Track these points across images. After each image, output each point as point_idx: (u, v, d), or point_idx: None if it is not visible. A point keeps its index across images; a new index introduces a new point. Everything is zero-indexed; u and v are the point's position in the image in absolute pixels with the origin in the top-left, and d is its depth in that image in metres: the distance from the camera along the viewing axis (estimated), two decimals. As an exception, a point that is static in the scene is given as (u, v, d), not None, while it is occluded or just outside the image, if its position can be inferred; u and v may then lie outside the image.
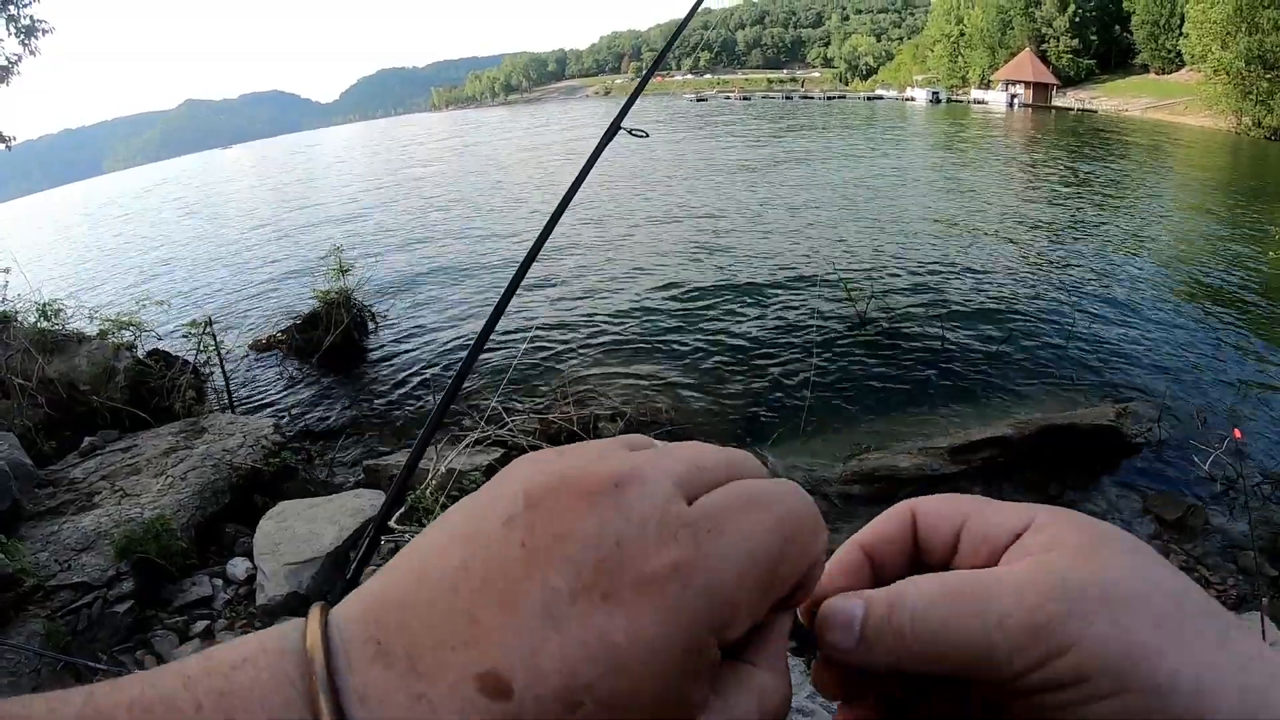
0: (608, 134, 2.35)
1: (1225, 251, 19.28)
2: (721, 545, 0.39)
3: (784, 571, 0.41)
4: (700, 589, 0.37)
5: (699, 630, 0.36)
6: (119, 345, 11.23)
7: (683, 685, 0.36)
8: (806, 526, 0.43)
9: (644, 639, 0.35)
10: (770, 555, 0.40)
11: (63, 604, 5.85)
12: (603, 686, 0.34)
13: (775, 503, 0.42)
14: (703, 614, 0.36)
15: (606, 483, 0.39)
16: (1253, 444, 9.51)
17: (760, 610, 0.40)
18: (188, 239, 33.41)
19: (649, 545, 0.37)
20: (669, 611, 0.36)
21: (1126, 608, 0.41)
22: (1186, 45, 65.74)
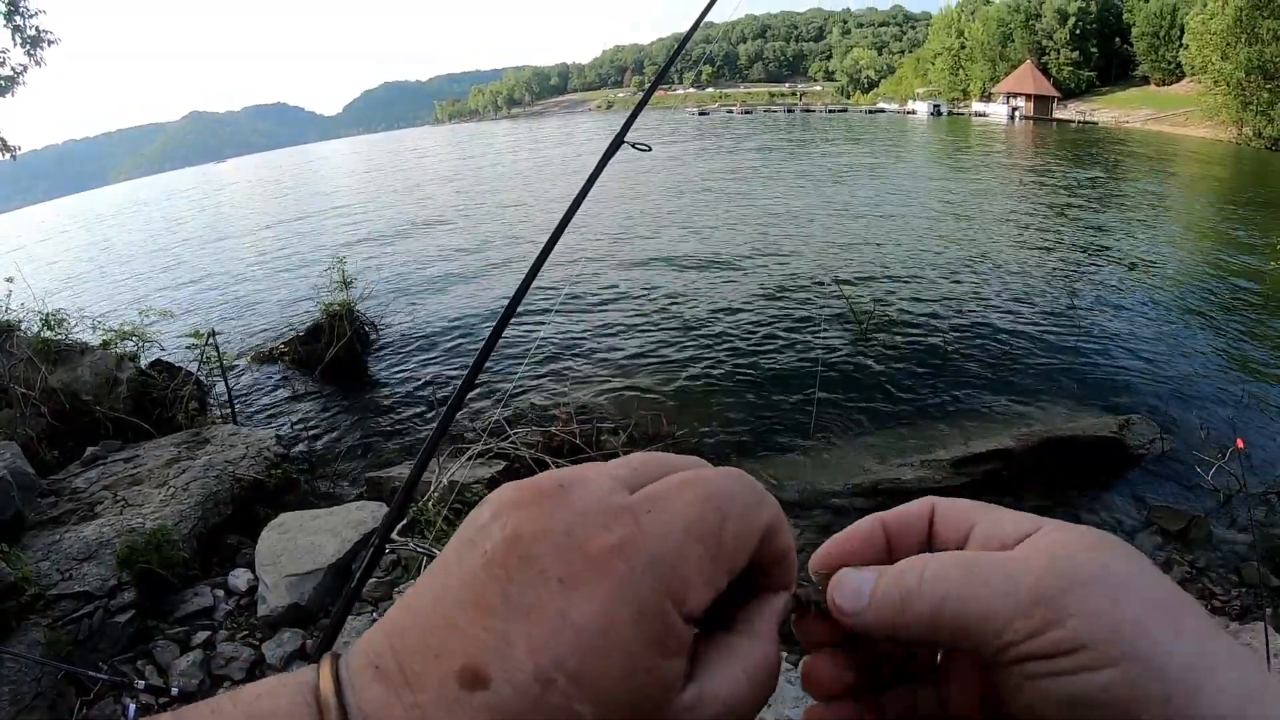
0: (611, 147, 2.36)
1: (1227, 262, 19.28)
2: (659, 521, 0.42)
3: (729, 540, 0.44)
4: (645, 560, 0.40)
5: (652, 598, 0.39)
6: (122, 356, 11.22)
7: (650, 654, 0.39)
8: (741, 498, 0.46)
9: (601, 612, 0.38)
10: (708, 524, 0.43)
11: (64, 613, 5.84)
12: (572, 662, 0.37)
13: (706, 481, 0.46)
14: (652, 582, 0.40)
15: (553, 485, 0.44)
16: (1255, 455, 9.49)
17: (717, 578, 0.43)
18: (190, 250, 33.49)
19: (594, 529, 0.41)
20: (620, 584, 0.39)
21: (1123, 588, 0.43)
22: (1187, 56, 65.81)
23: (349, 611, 1.58)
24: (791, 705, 4.57)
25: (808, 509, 8.71)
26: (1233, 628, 6.13)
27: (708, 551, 0.43)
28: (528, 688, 0.36)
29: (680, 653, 0.40)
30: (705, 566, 0.42)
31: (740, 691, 0.43)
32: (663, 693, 0.39)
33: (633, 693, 0.38)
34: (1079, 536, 0.47)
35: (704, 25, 3.07)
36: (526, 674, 0.36)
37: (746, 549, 0.45)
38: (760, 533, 0.46)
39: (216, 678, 5.72)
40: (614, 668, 0.37)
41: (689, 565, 0.41)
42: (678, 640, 0.40)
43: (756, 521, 0.46)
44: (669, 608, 0.40)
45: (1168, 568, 7.42)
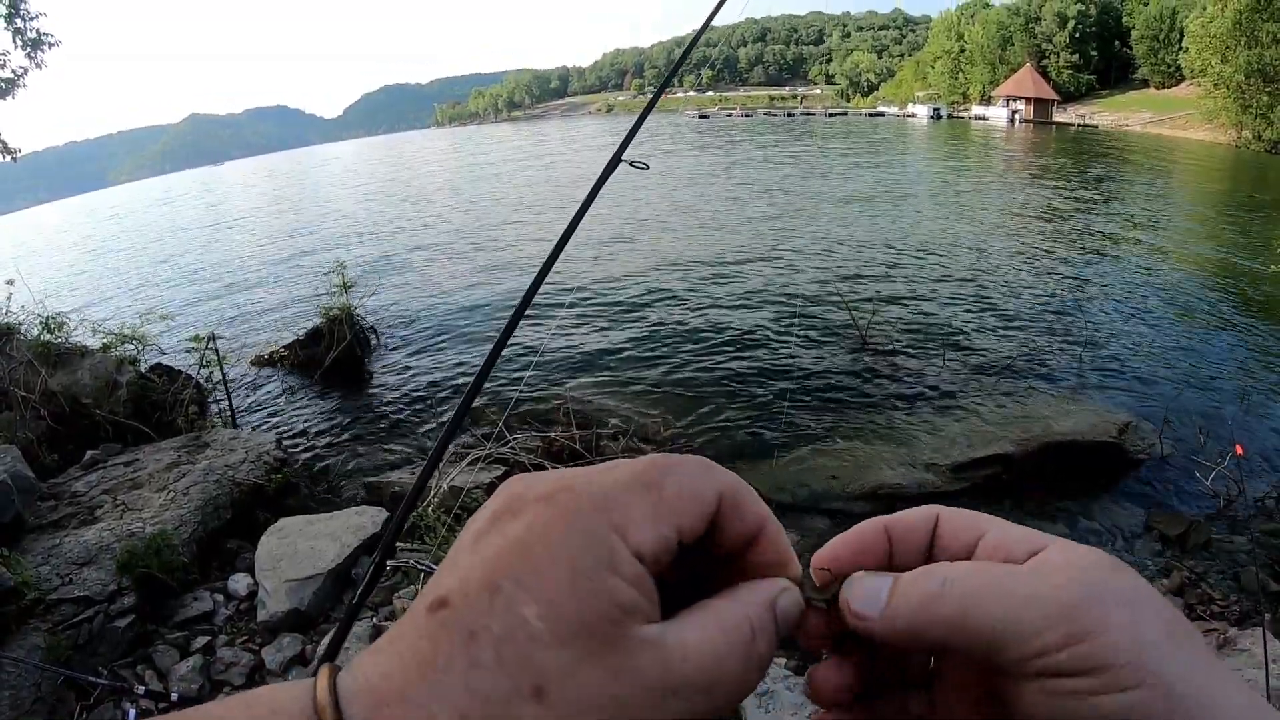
0: (609, 166, 2.36)
1: (1226, 265, 19.32)
2: (605, 472, 0.46)
3: (670, 493, 0.46)
4: (587, 494, 0.44)
5: (591, 521, 0.42)
6: (122, 359, 11.22)
7: (595, 567, 0.41)
8: (688, 465, 0.48)
9: (542, 527, 0.42)
10: (648, 477, 0.46)
11: (64, 618, 5.84)
12: (515, 570, 0.40)
13: (653, 455, 0.49)
14: (593, 509, 0.43)
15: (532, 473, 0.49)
16: (1254, 459, 9.51)
17: (661, 524, 0.45)
18: (189, 253, 33.47)
19: (551, 481, 0.46)
20: (562, 507, 0.43)
21: (1145, 611, 0.45)
22: (1186, 59, 65.94)
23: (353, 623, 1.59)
24: (791, 712, 4.57)
25: (807, 513, 8.71)
26: (1232, 633, 6.13)
27: (648, 499, 0.45)
28: (478, 599, 0.39)
29: (631, 580, 0.42)
30: (647, 509, 0.44)
31: (715, 647, 0.43)
32: (613, 609, 0.40)
33: (578, 600, 0.40)
34: (1097, 557, 0.48)
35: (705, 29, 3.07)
36: (476, 587, 0.40)
37: (694, 506, 0.47)
38: (712, 495, 0.48)
39: (216, 683, 5.71)
40: (556, 573, 0.40)
41: (631, 505, 0.44)
42: (625, 564, 0.42)
43: (704, 484, 0.48)
44: (612, 535, 0.42)
45: (1166, 573, 7.43)
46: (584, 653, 0.39)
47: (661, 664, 0.41)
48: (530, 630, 0.38)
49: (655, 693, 0.40)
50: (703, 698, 0.42)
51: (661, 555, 0.44)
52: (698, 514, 0.47)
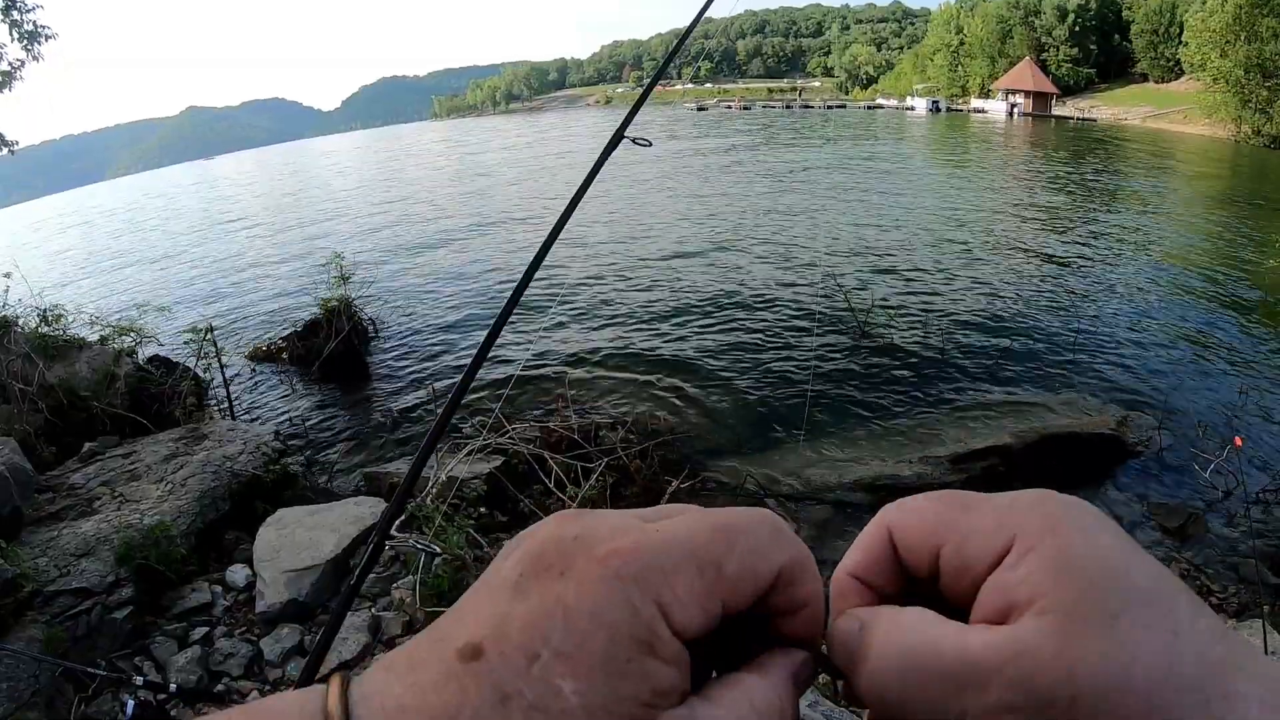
0: (611, 142, 2.35)
1: (1225, 260, 19.30)
2: (663, 536, 0.43)
3: (730, 569, 0.43)
4: (641, 563, 0.41)
5: (639, 596, 0.40)
6: (120, 351, 11.22)
7: (632, 648, 0.39)
8: (755, 535, 0.46)
9: (589, 596, 0.40)
10: (711, 550, 0.43)
11: (62, 609, 5.83)
12: (556, 639, 0.38)
13: (724, 514, 0.46)
14: (640, 581, 0.41)
15: (574, 513, 0.46)
16: (1253, 452, 9.51)
17: (710, 603, 0.42)
18: (186, 246, 33.41)
19: (602, 536, 0.43)
20: (612, 576, 0.40)
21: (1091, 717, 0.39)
22: (1185, 54, 65.93)
23: (348, 608, 1.58)
24: (793, 705, 4.56)
25: (805, 504, 8.71)
26: (1231, 625, 6.14)
27: (703, 575, 0.42)
28: (515, 660, 0.38)
29: (669, 660, 0.40)
30: (698, 588, 0.42)
31: (754, 711, 0.42)
32: (646, 693, 0.39)
33: (614, 681, 0.38)
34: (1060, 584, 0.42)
35: (703, 21, 3.07)
36: (515, 647, 0.38)
37: (750, 584, 0.44)
38: (771, 573, 0.45)
39: (214, 674, 5.71)
40: (595, 649, 0.38)
41: (681, 582, 0.42)
42: (664, 646, 0.40)
43: (767, 560, 0.45)
44: (656, 612, 0.40)
45: (1165, 565, 7.43)
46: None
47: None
48: (564, 705, 0.37)
49: None
50: None
51: (705, 631, 0.42)
52: (752, 593, 0.45)
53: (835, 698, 5.46)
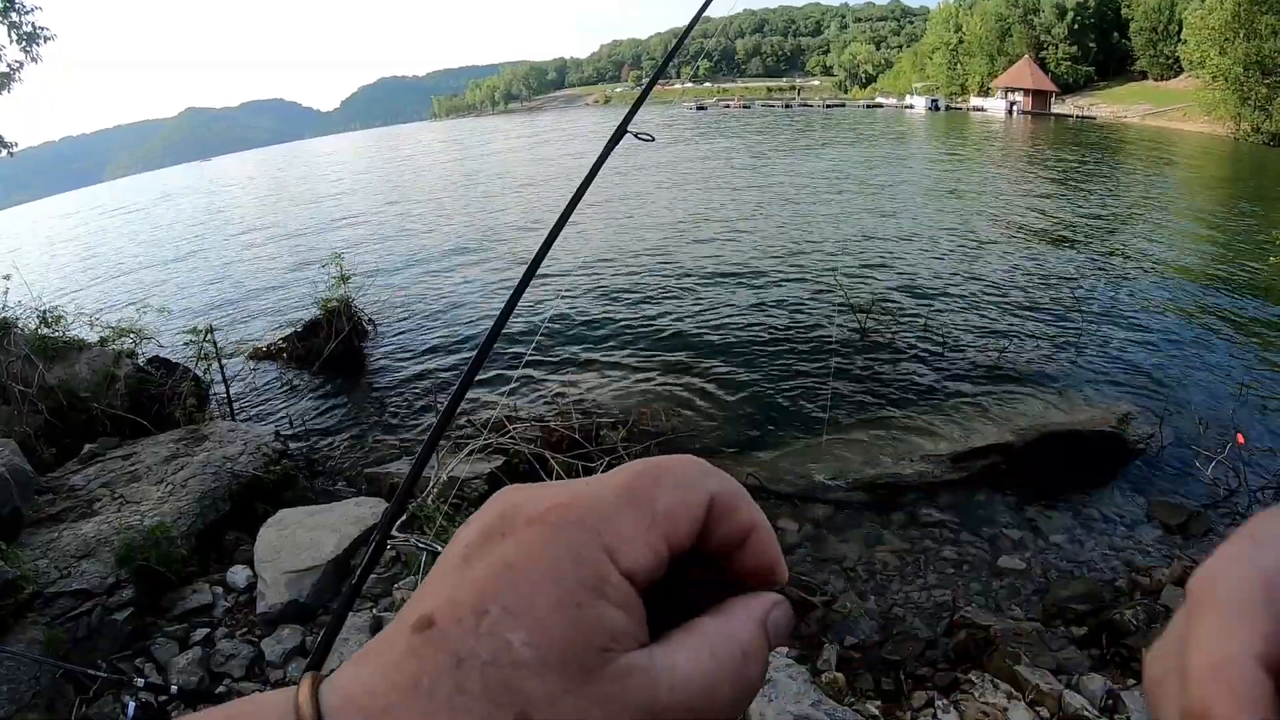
0: (614, 137, 2.34)
1: (1226, 257, 19.33)
2: (594, 487, 0.45)
3: (662, 504, 0.44)
4: (577, 513, 0.43)
5: (581, 543, 0.41)
6: (120, 353, 11.21)
7: (583, 592, 0.40)
8: (680, 471, 0.47)
9: (532, 552, 0.41)
10: (639, 488, 0.45)
11: (62, 611, 5.83)
12: (504, 595, 0.39)
13: (647, 459, 0.47)
14: (582, 530, 0.42)
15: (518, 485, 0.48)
16: (1254, 449, 9.50)
17: (654, 540, 0.43)
18: (186, 247, 33.42)
19: (542, 497, 0.44)
20: (552, 529, 0.42)
21: None
22: (1185, 51, 66.02)
23: (350, 608, 1.57)
24: (793, 701, 4.56)
25: (806, 502, 8.71)
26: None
27: (640, 512, 0.44)
28: (466, 622, 0.39)
29: (620, 604, 0.41)
30: (639, 526, 0.43)
31: (704, 667, 0.42)
32: (600, 637, 0.39)
33: (566, 628, 0.39)
34: None
35: (702, 20, 3.07)
36: (465, 610, 0.39)
37: (685, 515, 0.45)
38: (703, 502, 0.46)
39: (216, 675, 5.71)
40: (543, 599, 0.39)
41: (622, 523, 0.43)
42: (614, 589, 0.41)
43: (696, 490, 0.46)
44: (602, 556, 0.41)
45: (1168, 562, 7.43)
46: (570, 681, 0.38)
47: (649, 691, 0.40)
48: (516, 657, 0.38)
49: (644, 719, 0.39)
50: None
51: (653, 573, 0.43)
52: (689, 525, 0.45)
53: (839, 696, 5.47)
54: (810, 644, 6.21)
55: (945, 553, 7.80)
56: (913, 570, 7.53)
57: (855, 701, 5.26)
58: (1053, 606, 6.75)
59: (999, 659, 5.69)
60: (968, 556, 7.74)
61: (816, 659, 5.92)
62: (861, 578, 7.39)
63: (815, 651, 6.05)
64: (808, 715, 4.44)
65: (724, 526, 0.47)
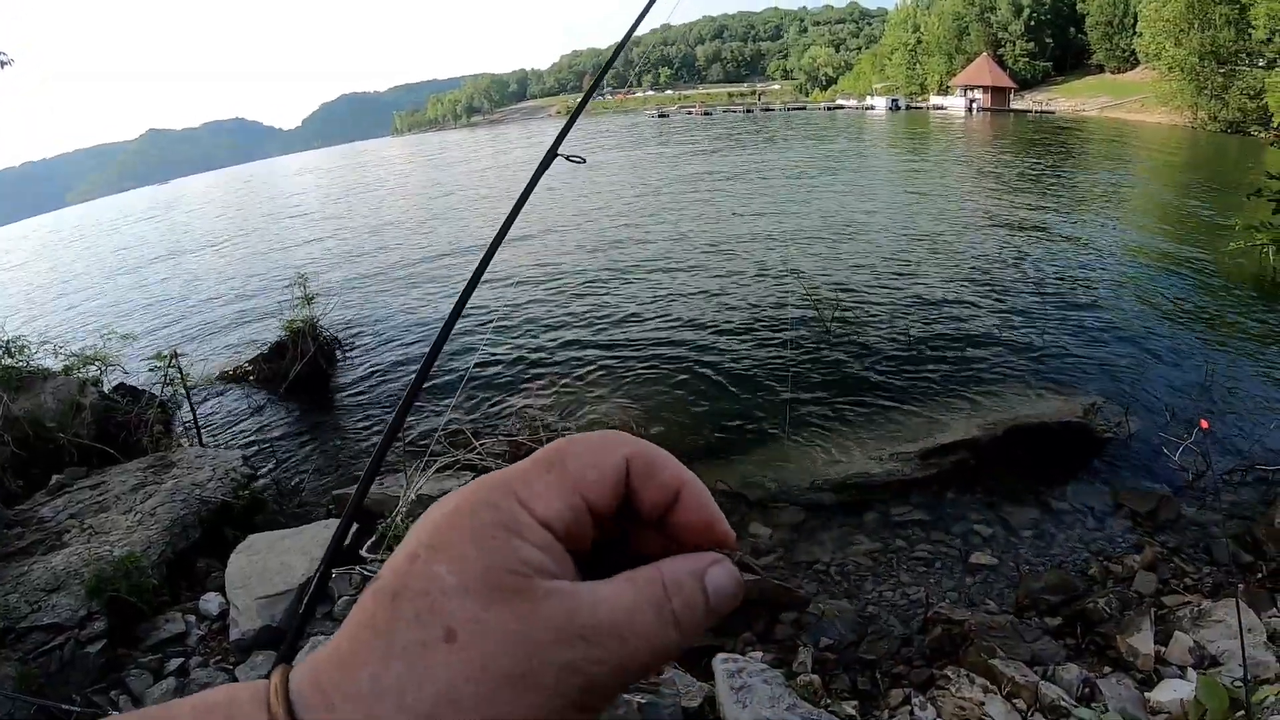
0: (544, 161, 2.34)
1: (1186, 245, 19.55)
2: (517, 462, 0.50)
3: (572, 464, 0.49)
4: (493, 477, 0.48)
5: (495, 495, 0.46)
6: (85, 381, 11.13)
7: (497, 529, 0.45)
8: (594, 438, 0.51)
9: (455, 507, 0.46)
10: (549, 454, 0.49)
11: (35, 646, 5.77)
12: (431, 537, 0.45)
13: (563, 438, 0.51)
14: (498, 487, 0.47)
15: None
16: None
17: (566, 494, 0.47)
18: (147, 272, 33.08)
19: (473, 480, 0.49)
20: (471, 490, 0.47)
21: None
22: (1140, 44, 66.98)
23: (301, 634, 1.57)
24: (768, 706, 4.57)
25: (777, 507, 8.72)
26: (1206, 605, 6.21)
27: (550, 472, 0.48)
28: (400, 567, 0.44)
29: (537, 543, 0.45)
30: (550, 481, 0.47)
31: (625, 599, 0.45)
32: (518, 564, 0.44)
33: (485, 555, 0.43)
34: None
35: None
36: (401, 559, 0.45)
37: (598, 475, 0.49)
38: (618, 464, 0.50)
39: (191, 704, 5.65)
40: (464, 535, 0.44)
41: (533, 480, 0.47)
42: (531, 530, 0.45)
43: (608, 453, 0.50)
44: (515, 504, 0.46)
45: (1139, 549, 7.51)
46: (493, 599, 0.42)
47: (569, 609, 0.43)
48: (443, 584, 0.42)
49: (564, 634, 0.42)
50: (614, 643, 0.43)
51: (572, 526, 0.47)
52: (604, 483, 0.49)
53: (815, 699, 5.48)
54: (785, 648, 6.23)
55: (917, 551, 7.84)
56: (885, 569, 7.57)
57: (832, 703, 5.27)
58: (1025, 599, 6.80)
59: (974, 653, 5.73)
60: (940, 553, 7.79)
61: (792, 662, 5.93)
62: (835, 579, 7.42)
63: (790, 655, 6.07)
64: (782, 719, 4.45)
65: (649, 487, 0.50)
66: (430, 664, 0.41)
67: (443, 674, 0.40)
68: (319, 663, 0.43)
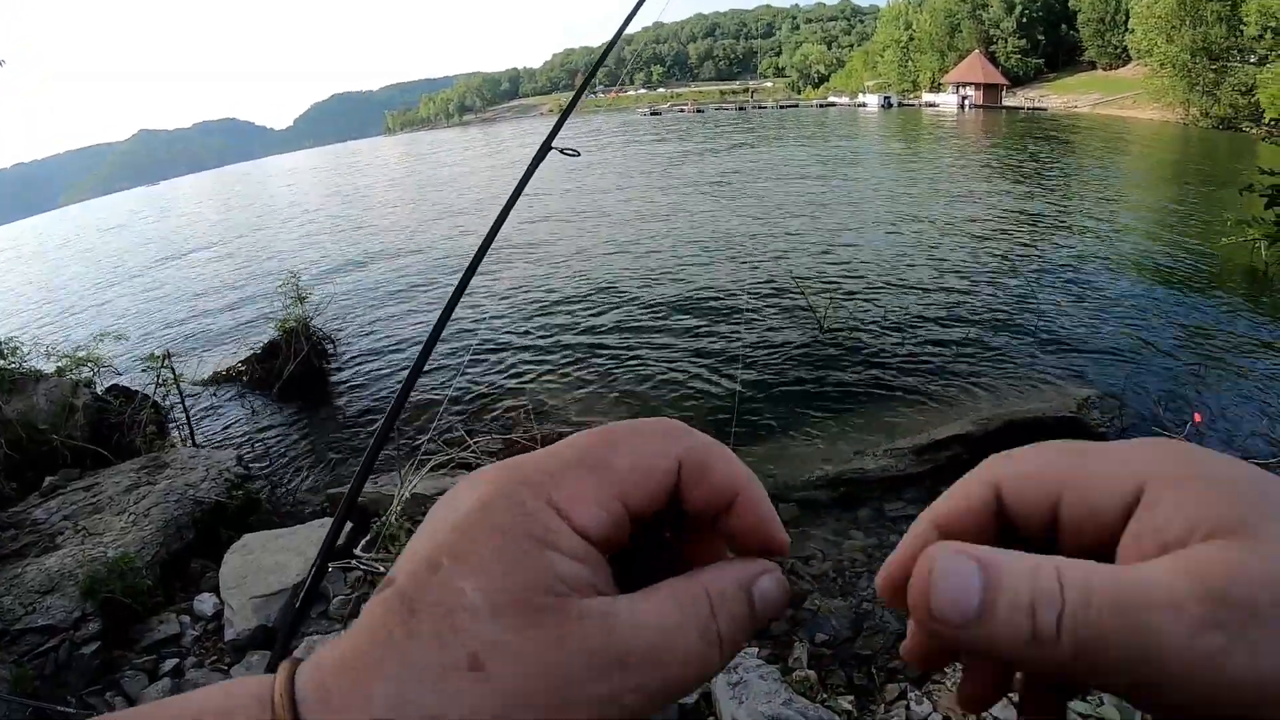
0: (539, 155, 2.35)
1: (1178, 240, 19.57)
2: (552, 451, 0.46)
3: (620, 463, 0.45)
4: (525, 473, 0.44)
5: (526, 499, 0.42)
6: (78, 382, 11.11)
7: (528, 541, 0.41)
8: (645, 429, 0.47)
9: (481, 508, 0.42)
10: (595, 450, 0.45)
11: (29, 648, 5.77)
12: (455, 544, 0.41)
13: (613, 424, 0.48)
14: (530, 488, 0.43)
15: None
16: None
17: (606, 499, 0.44)
18: (140, 273, 33.00)
19: (499, 464, 0.46)
20: (498, 488, 0.43)
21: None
22: (1132, 40, 67.14)
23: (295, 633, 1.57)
24: (764, 701, 4.57)
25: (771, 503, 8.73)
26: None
27: (593, 473, 0.44)
28: (420, 575, 0.41)
29: (573, 555, 0.41)
30: (589, 485, 0.43)
31: (667, 619, 0.42)
32: (552, 581, 0.40)
33: (515, 573, 0.40)
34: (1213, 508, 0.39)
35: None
36: (420, 565, 0.41)
37: (646, 477, 0.45)
38: (670, 464, 0.46)
39: (186, 705, 5.65)
40: (493, 547, 0.40)
41: (572, 482, 0.43)
42: (565, 540, 0.42)
43: (661, 452, 0.46)
44: (549, 510, 0.42)
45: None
46: (522, 622, 0.39)
47: (606, 633, 0.40)
48: (466, 602, 0.39)
49: (600, 661, 0.39)
50: (654, 670, 0.40)
51: (612, 533, 0.43)
52: (652, 487, 0.45)
53: (811, 694, 5.48)
54: (780, 644, 6.24)
55: (913, 546, 7.85)
56: (881, 565, 7.57)
57: (828, 698, 5.28)
58: (1021, 592, 6.80)
59: (970, 647, 5.72)
60: (936, 549, 7.79)
61: (788, 658, 5.93)
62: (830, 575, 7.42)
63: (786, 650, 6.08)
64: (779, 714, 4.46)
65: (701, 488, 0.47)
66: (453, 691, 0.37)
67: (466, 702, 0.37)
68: (324, 665, 0.40)
